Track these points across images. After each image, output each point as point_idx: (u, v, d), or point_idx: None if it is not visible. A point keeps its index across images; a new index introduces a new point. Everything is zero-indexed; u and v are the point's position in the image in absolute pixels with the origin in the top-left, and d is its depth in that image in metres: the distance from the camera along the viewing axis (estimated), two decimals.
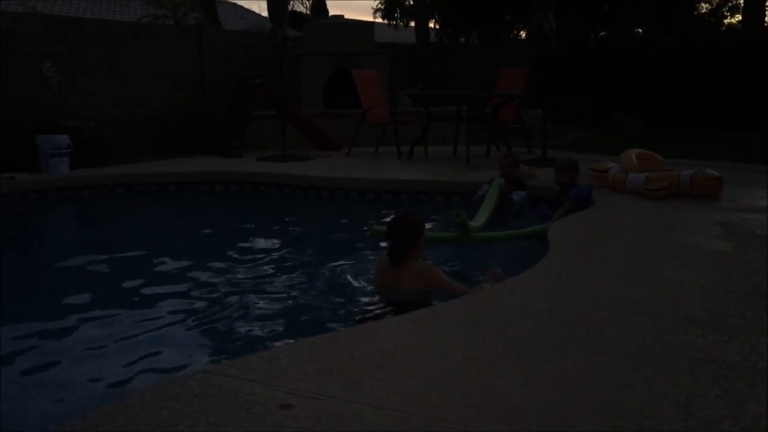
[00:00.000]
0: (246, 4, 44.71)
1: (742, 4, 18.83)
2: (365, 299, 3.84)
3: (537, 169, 7.03)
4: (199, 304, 3.86)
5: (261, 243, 5.60)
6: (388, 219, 4.92)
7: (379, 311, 3.53)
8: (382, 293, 3.76)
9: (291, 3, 21.04)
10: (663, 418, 1.84)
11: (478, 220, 5.30)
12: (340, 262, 4.74)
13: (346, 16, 12.89)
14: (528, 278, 3.30)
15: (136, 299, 3.95)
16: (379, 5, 24.94)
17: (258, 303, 3.87)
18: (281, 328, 3.48)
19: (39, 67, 8.67)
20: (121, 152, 8.86)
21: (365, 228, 5.54)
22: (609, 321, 2.63)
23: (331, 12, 19.43)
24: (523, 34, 20.79)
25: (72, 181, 7.48)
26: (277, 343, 3.17)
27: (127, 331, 3.43)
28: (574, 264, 3.61)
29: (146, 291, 4.10)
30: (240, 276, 4.47)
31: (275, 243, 5.65)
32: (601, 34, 19.54)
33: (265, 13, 17.65)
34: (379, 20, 24.34)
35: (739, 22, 21.00)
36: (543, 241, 4.30)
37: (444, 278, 3.72)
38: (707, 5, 23.34)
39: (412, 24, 21.77)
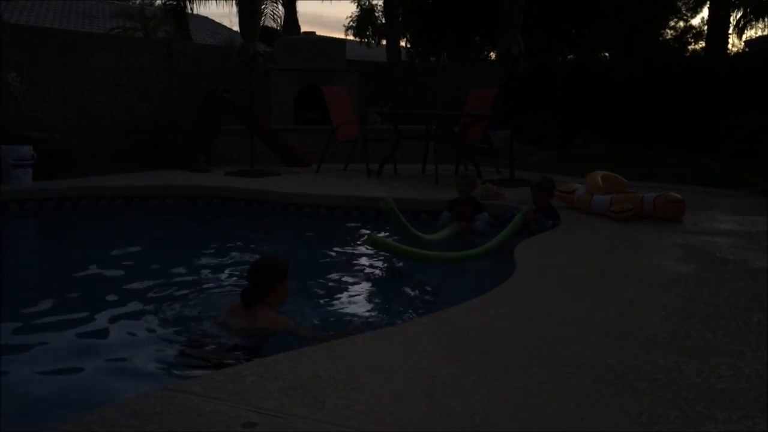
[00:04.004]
0: (218, 19, 44.64)
1: (706, 32, 19.31)
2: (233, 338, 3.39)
3: (504, 189, 7.09)
4: (162, 320, 3.81)
5: (227, 258, 5.55)
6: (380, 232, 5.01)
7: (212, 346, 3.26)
8: (224, 329, 3.42)
9: (263, 17, 21.04)
10: None
11: (435, 236, 5.45)
12: (307, 278, 4.72)
13: (317, 33, 12.93)
14: (493, 298, 3.32)
15: (97, 314, 3.87)
16: (351, 23, 25.09)
17: None
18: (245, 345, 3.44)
19: (3, 77, 8.54)
20: (85, 164, 8.75)
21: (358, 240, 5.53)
22: (572, 341, 2.66)
23: (303, 28, 19.52)
24: (492, 55, 21.05)
25: (35, 192, 7.33)
26: (242, 361, 3.13)
27: (87, 346, 3.36)
28: (539, 284, 3.64)
29: (108, 305, 4.03)
30: (205, 291, 4.42)
31: (241, 258, 5.60)
32: (569, 57, 19.87)
33: (236, 28, 17.64)
34: (351, 38, 24.47)
35: (702, 48, 21.52)
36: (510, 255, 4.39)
37: (296, 327, 3.44)
38: (672, 31, 23.90)
39: (384, 42, 21.93)
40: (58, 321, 3.75)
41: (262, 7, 20.28)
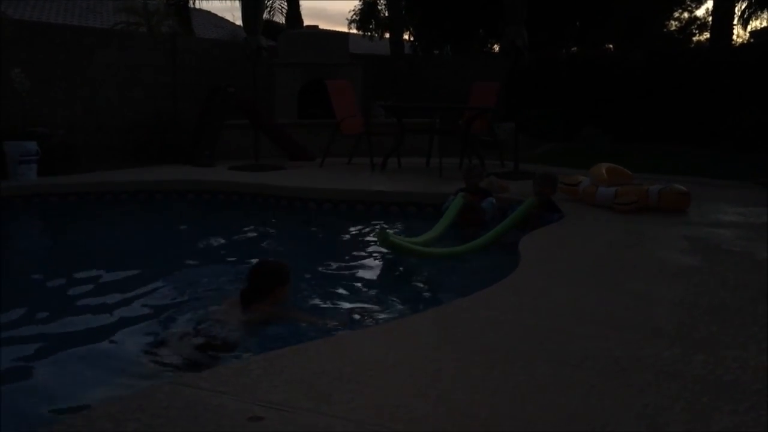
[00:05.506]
0: (221, 13, 44.59)
1: (711, 23, 19.20)
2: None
3: (509, 181, 7.08)
4: (166, 314, 3.82)
5: (232, 252, 5.56)
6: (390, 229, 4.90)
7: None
8: (222, 324, 3.36)
9: (270, 11, 21.00)
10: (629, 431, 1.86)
11: (432, 233, 5.27)
12: (311, 272, 4.72)
13: (320, 27, 12.89)
14: (498, 291, 3.32)
15: (99, 308, 3.89)
16: (354, 16, 25.05)
17: None
18: (251, 339, 3.45)
19: (8, 73, 8.55)
20: (90, 160, 8.76)
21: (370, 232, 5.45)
22: (577, 334, 2.66)
23: (306, 22, 19.47)
24: (496, 47, 20.99)
25: (40, 188, 7.36)
26: (248, 355, 3.14)
27: (92, 341, 3.37)
28: (544, 277, 3.64)
29: (110, 300, 4.04)
30: (208, 286, 4.42)
31: (246, 252, 5.61)
32: (573, 49, 19.79)
33: (239, 22, 17.61)
34: (354, 31, 24.42)
35: (707, 40, 21.41)
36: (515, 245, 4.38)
37: (299, 315, 3.54)
38: (676, 23, 23.77)
39: (387, 35, 21.88)
40: (60, 316, 3.76)
41: (268, 1, 20.25)
